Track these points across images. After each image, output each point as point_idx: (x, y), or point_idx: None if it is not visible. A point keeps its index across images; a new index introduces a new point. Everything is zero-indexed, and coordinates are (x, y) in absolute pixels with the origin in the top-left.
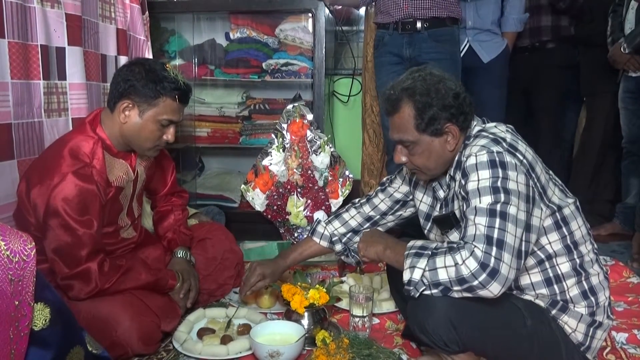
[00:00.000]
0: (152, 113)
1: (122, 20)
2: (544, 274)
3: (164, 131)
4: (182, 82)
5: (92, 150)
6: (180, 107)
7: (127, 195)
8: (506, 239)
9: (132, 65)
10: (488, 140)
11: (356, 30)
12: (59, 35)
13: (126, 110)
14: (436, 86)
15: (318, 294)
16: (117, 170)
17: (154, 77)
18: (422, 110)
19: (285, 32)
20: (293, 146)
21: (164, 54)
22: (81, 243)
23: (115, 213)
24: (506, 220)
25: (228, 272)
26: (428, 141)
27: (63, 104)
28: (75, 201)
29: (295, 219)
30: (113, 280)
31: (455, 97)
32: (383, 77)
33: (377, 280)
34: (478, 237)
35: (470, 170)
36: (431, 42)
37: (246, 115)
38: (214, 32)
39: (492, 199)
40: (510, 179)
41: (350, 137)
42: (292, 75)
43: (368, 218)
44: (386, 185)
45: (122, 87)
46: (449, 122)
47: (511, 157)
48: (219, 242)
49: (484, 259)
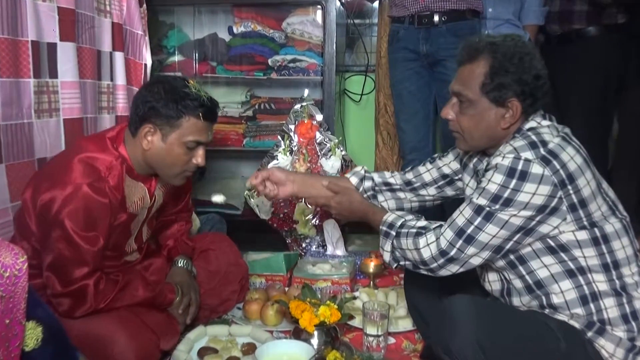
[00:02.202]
0: (176, 135)
1: (117, 13)
2: (578, 291)
3: (191, 154)
4: (205, 98)
5: (111, 165)
6: (207, 126)
7: (139, 222)
8: (478, 236)
9: (151, 85)
10: (525, 143)
11: (369, 23)
12: (51, 30)
13: (148, 136)
14: (523, 56)
15: (329, 311)
16: (133, 195)
17: (174, 95)
18: (497, 71)
19: (293, 25)
20: (301, 149)
21: (162, 49)
22: (82, 261)
23: (123, 239)
24: (489, 221)
25: (232, 286)
26: (485, 106)
27: (54, 103)
28: (83, 215)
29: (303, 228)
30: (109, 299)
31: (535, 77)
32: (398, 75)
33: (393, 295)
34: (453, 226)
35: (491, 167)
36: (450, 37)
37: (250, 116)
38: (216, 26)
39: (487, 202)
40: (522, 191)
41: (362, 139)
42: (300, 72)
43: (408, 182)
44: (436, 158)
45: (142, 110)
46: (516, 98)
47: (541, 167)
48: (223, 254)
49: (446, 247)
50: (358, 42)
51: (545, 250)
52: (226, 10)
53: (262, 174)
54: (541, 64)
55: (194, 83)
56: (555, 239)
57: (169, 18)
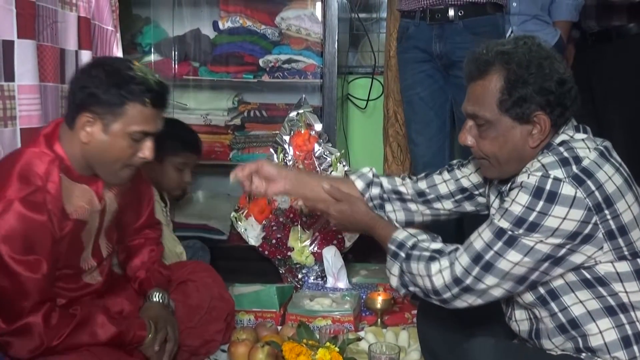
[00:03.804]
0: (120, 125)
1: (85, 6)
2: (620, 331)
3: (137, 147)
4: (153, 82)
5: (47, 170)
6: (155, 114)
7: (91, 231)
8: (498, 264)
9: (90, 68)
10: (555, 160)
11: (377, 18)
12: (7, 26)
13: (87, 127)
14: (541, 61)
15: (329, 355)
16: (76, 199)
17: (116, 79)
18: (514, 84)
19: (288, 21)
20: (297, 164)
21: (136, 47)
22: (23, 292)
23: (76, 253)
24: (510, 247)
25: (216, 325)
26: (507, 126)
27: (10, 110)
28: (19, 237)
29: (299, 256)
30: (63, 335)
31: (559, 83)
32: (408, 79)
33: (404, 336)
34: (470, 250)
35: (516, 185)
36: (467, 35)
37: (238, 125)
38: (198, 21)
39: (509, 226)
40: (551, 215)
41: (368, 152)
42: (296, 74)
43: (421, 193)
44: (454, 167)
45: (79, 98)
46: (541, 111)
47: (573, 187)
48: (205, 286)
49: (461, 275)
50: (364, 40)
51: (580, 284)
52: (211, 3)
53: (249, 166)
54: (563, 65)
55: (139, 65)
56: (592, 271)
57: (145, 12)
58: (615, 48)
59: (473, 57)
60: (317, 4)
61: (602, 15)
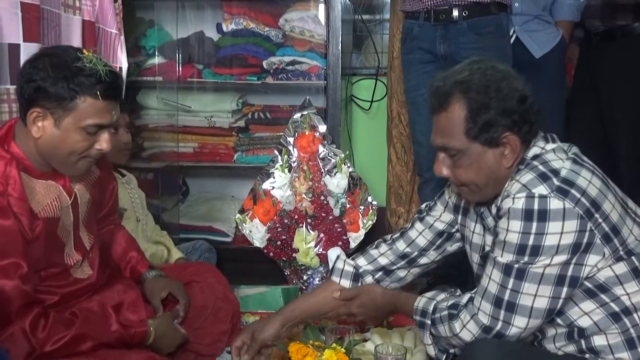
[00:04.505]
0: (72, 120)
1: (89, 10)
2: (624, 335)
3: (93, 139)
4: (102, 71)
5: (5, 173)
6: (109, 106)
7: (67, 226)
8: (519, 300)
9: (35, 59)
10: (534, 176)
11: (380, 19)
12: (13, 29)
13: (38, 121)
14: (498, 84)
15: (335, 356)
16: (42, 197)
17: (64, 71)
18: (477, 112)
19: (292, 22)
20: (301, 165)
21: (140, 50)
22: (3, 298)
23: (57, 250)
24: (522, 280)
25: (221, 326)
26: (479, 152)
27: (17, 114)
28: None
29: (304, 257)
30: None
31: (520, 100)
32: (412, 79)
33: (410, 337)
34: (487, 296)
35: (504, 213)
36: (471, 35)
37: (242, 127)
38: (202, 23)
39: (513, 257)
40: (547, 233)
41: (373, 154)
42: (300, 76)
43: (403, 255)
44: (424, 214)
45: (27, 92)
46: (509, 132)
47: (559, 200)
48: (209, 287)
49: (489, 322)
50: (367, 41)
51: (583, 295)
52: (214, 5)
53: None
54: (521, 82)
55: (88, 54)
56: (592, 279)
57: (148, 14)
58: (620, 47)
59: (431, 90)
60: (321, 6)
61: (607, 15)
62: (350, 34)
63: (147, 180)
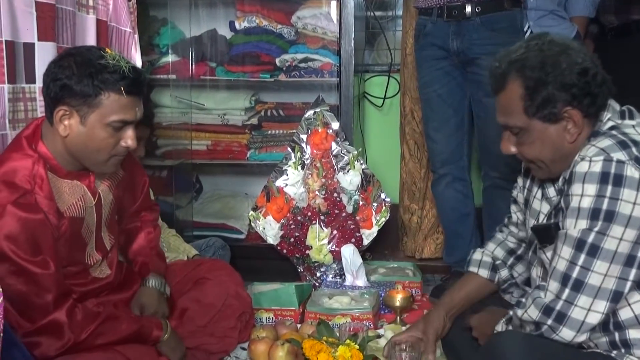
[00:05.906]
0: (97, 116)
1: (103, 9)
2: None
3: (119, 136)
4: (126, 69)
5: (33, 172)
6: (132, 102)
7: (90, 226)
8: (588, 279)
9: (61, 59)
10: (613, 143)
11: (393, 16)
12: (28, 29)
13: (64, 120)
14: (555, 58)
15: (349, 352)
16: (68, 197)
17: (88, 69)
18: (533, 89)
19: (304, 20)
20: (314, 162)
21: (153, 48)
22: (42, 288)
23: (79, 250)
24: (595, 256)
25: (228, 322)
26: (540, 128)
27: (32, 112)
28: (22, 238)
29: (318, 254)
30: (89, 331)
31: (581, 73)
32: (425, 76)
33: None
34: (555, 274)
35: (577, 178)
36: (485, 31)
37: (255, 124)
38: (215, 21)
39: (587, 224)
40: (622, 199)
41: (385, 151)
42: (313, 73)
43: (520, 239)
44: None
45: (53, 91)
46: (569, 106)
47: (637, 170)
48: (221, 284)
49: (550, 301)
50: (380, 38)
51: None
52: (227, 3)
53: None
54: (582, 54)
55: (111, 52)
56: None
57: (162, 13)
58: (635, 42)
59: (490, 72)
60: (333, 3)
61: (621, 10)
62: (362, 31)
63: (161, 178)
